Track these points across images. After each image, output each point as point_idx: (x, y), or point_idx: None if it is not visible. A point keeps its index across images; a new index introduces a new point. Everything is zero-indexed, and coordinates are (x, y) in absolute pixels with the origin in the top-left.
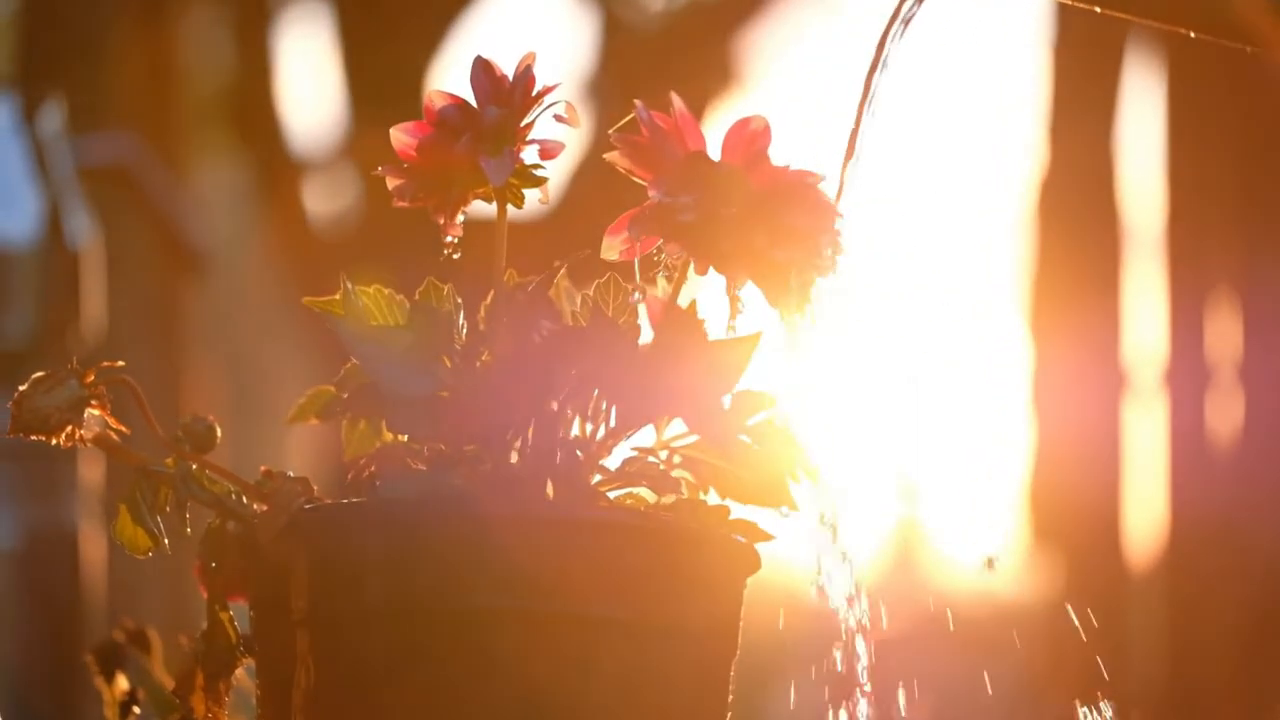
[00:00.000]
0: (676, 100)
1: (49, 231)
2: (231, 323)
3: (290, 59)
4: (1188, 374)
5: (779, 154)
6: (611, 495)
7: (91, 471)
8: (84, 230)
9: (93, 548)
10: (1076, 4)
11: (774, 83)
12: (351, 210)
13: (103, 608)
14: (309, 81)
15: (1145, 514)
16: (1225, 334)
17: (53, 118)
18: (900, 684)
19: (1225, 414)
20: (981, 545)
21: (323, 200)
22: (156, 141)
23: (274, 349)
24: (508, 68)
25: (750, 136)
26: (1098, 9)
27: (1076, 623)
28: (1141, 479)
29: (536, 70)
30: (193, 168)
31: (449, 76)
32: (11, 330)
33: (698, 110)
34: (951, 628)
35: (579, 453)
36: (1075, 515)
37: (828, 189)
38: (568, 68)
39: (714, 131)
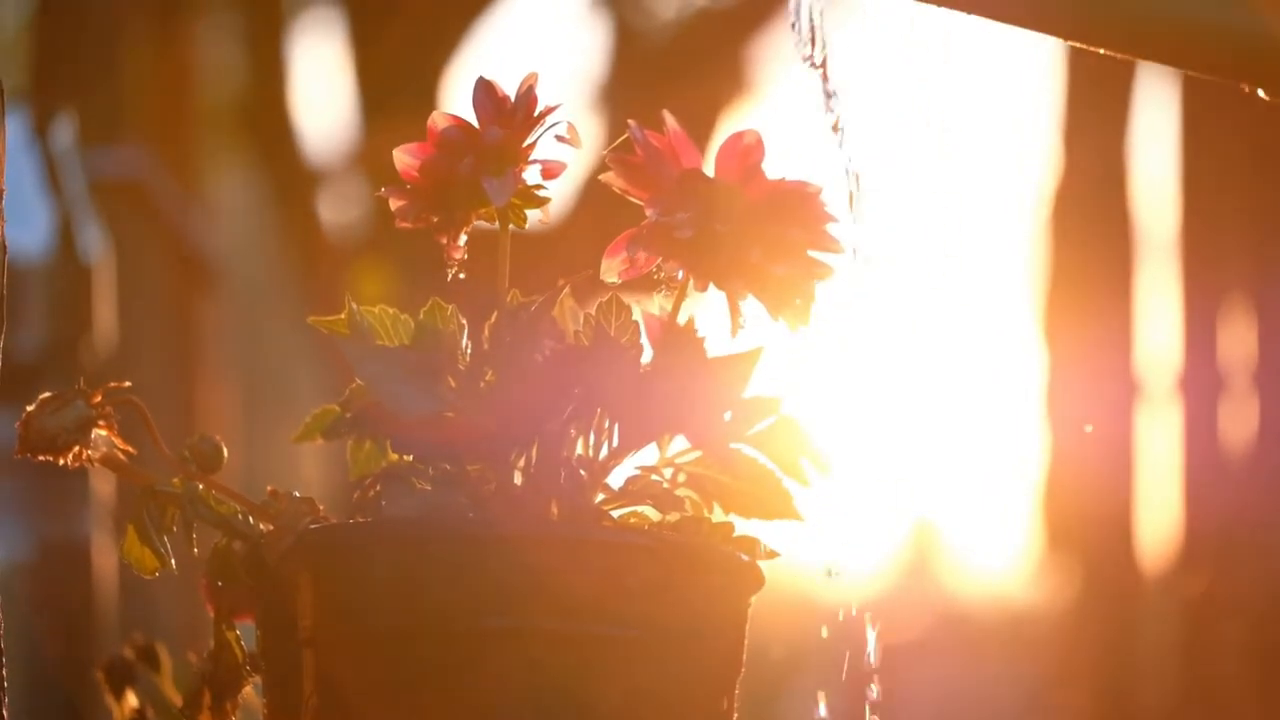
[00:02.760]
0: (669, 118)
1: (61, 245)
2: (244, 335)
3: (304, 71)
4: (1201, 380)
5: (774, 167)
6: (615, 514)
7: (103, 485)
8: (96, 244)
9: (105, 560)
10: (1093, 48)
11: (785, 89)
12: (365, 221)
13: (115, 619)
14: (323, 93)
15: (1159, 519)
16: (1239, 340)
17: (65, 132)
18: (912, 689)
19: (1239, 420)
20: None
21: (336, 211)
22: (169, 155)
23: (287, 361)
24: (511, 86)
25: (744, 151)
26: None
27: (1090, 628)
28: (1155, 485)
29: (539, 90)
30: (206, 181)
31: (462, 85)
32: (24, 343)
33: (709, 117)
34: (964, 633)
35: (583, 472)
36: (1089, 521)
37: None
38: (579, 75)
39: (720, 141)
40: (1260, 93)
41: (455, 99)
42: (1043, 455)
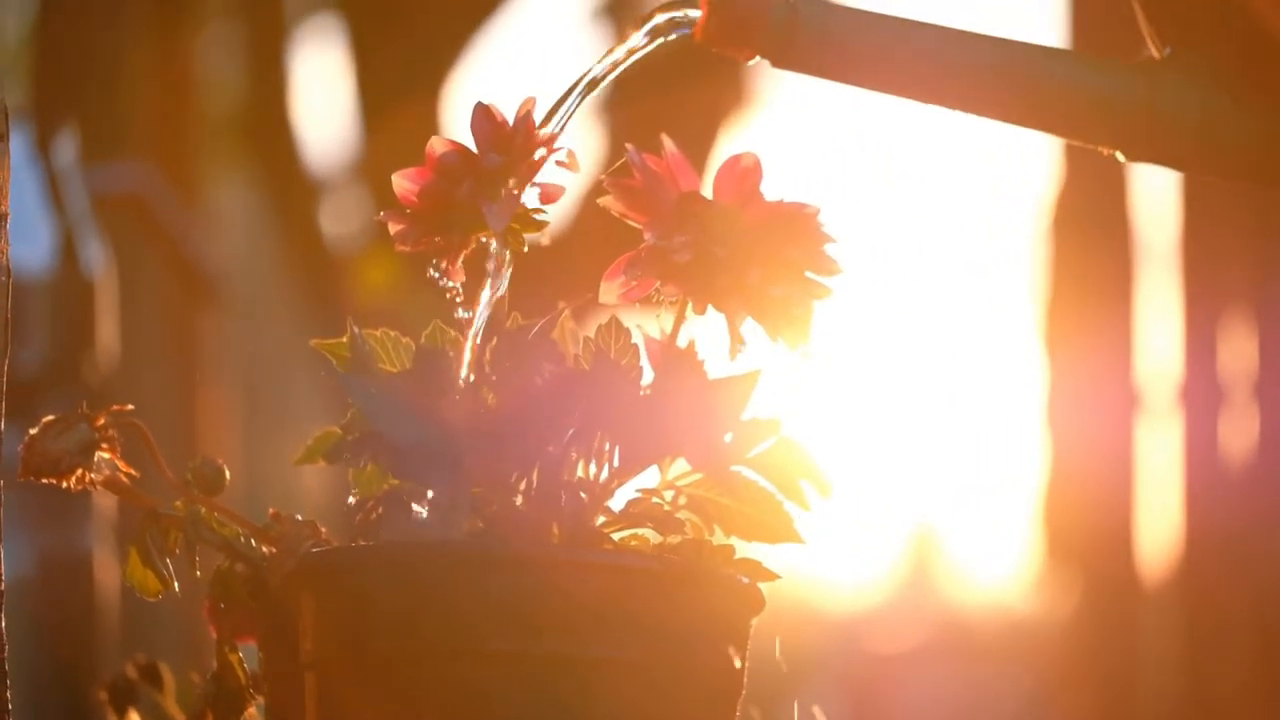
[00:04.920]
0: (668, 142)
1: (63, 260)
2: (247, 349)
3: (305, 84)
4: (1202, 390)
5: (772, 188)
6: (616, 536)
7: (107, 501)
8: (98, 259)
9: (108, 576)
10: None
11: (785, 98)
12: (367, 234)
13: (117, 633)
14: (324, 106)
15: (1159, 530)
16: (1239, 350)
17: (67, 147)
18: (912, 698)
19: (1239, 430)
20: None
21: (339, 224)
22: (171, 170)
23: (290, 374)
24: (510, 109)
25: (742, 173)
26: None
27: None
28: (1155, 495)
29: (536, 115)
30: (208, 195)
31: (463, 96)
32: (26, 359)
33: (709, 127)
34: (964, 643)
35: (583, 494)
36: (1089, 531)
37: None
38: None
39: (720, 153)
40: (1118, 155)
41: (456, 109)
42: (1043, 465)
